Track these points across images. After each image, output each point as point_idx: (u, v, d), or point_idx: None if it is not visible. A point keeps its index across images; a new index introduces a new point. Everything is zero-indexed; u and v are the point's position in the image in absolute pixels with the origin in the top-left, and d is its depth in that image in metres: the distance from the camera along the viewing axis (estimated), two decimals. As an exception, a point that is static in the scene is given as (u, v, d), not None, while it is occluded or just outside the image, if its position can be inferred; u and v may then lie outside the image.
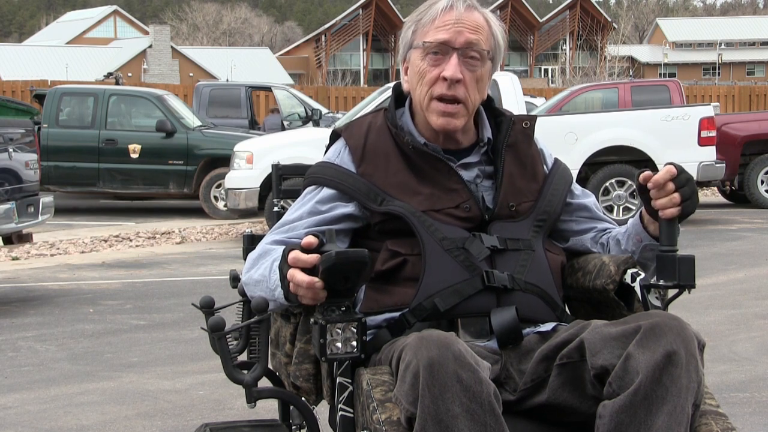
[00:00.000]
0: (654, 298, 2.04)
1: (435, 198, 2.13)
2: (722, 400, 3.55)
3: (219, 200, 12.40)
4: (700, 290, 3.87)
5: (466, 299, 2.05)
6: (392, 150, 2.17)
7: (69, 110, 13.20)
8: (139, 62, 52.62)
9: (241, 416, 3.95)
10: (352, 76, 58.75)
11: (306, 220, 2.15)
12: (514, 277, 2.08)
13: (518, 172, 2.21)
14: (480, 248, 2.09)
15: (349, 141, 2.21)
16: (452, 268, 2.06)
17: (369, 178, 2.14)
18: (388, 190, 2.13)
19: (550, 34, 68.45)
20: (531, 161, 2.24)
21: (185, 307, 6.62)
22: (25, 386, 4.77)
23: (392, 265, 2.08)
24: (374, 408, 1.83)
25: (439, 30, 2.13)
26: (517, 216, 2.17)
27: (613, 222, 2.36)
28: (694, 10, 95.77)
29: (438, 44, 2.12)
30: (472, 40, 2.13)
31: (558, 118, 11.78)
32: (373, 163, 2.16)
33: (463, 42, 2.12)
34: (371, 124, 2.22)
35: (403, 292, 2.07)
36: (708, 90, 26.73)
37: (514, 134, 2.23)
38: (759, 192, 13.13)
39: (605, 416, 1.78)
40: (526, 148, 2.24)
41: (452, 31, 2.12)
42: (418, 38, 2.16)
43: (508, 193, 2.17)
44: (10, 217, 6.83)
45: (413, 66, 2.18)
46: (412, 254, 2.08)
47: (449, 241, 2.08)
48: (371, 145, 2.18)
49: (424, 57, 2.14)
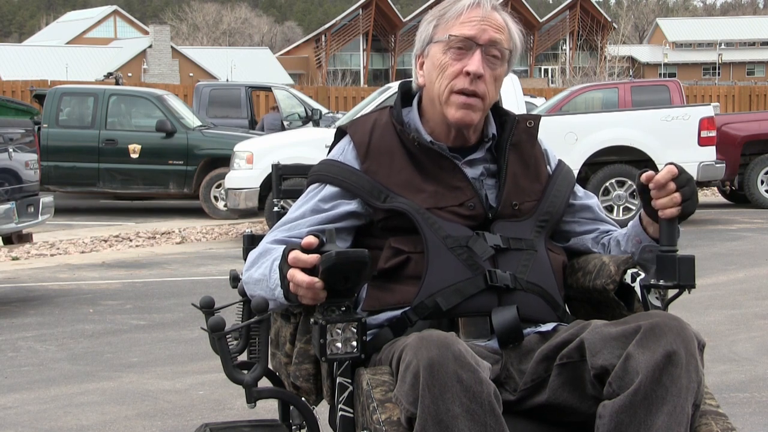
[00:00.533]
0: (654, 298, 2.04)
1: (439, 196, 2.13)
2: (722, 400, 3.55)
3: (219, 200, 12.40)
4: (700, 290, 3.88)
5: (468, 298, 2.05)
6: (397, 147, 2.17)
7: (69, 110, 13.20)
8: (139, 62, 52.62)
9: (241, 416, 3.95)
10: (352, 76, 58.74)
11: (308, 219, 2.15)
12: (516, 277, 2.08)
13: (521, 172, 2.21)
14: (484, 247, 2.09)
15: (354, 137, 2.21)
16: (455, 266, 2.06)
17: (373, 175, 2.14)
18: (391, 188, 2.13)
19: (550, 34, 68.42)
20: (534, 161, 2.25)
21: (185, 307, 6.62)
22: (25, 386, 4.77)
23: (395, 263, 2.08)
24: (374, 408, 1.83)
25: (465, 25, 2.14)
26: (519, 215, 2.17)
27: (615, 224, 2.36)
28: (694, 10, 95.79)
29: (463, 38, 2.13)
30: (496, 38, 2.14)
31: (558, 118, 11.78)
32: (377, 160, 2.16)
33: (487, 39, 2.13)
34: (376, 121, 2.22)
35: (405, 290, 2.07)
36: (708, 90, 26.72)
37: (518, 133, 2.23)
38: (759, 192, 13.13)
39: (605, 416, 1.78)
40: (530, 148, 2.25)
41: (478, 28, 2.13)
42: (441, 32, 2.16)
43: (512, 192, 2.17)
44: (10, 217, 6.83)
45: (433, 59, 2.17)
46: (415, 252, 2.08)
47: (453, 239, 2.08)
48: (376, 142, 2.18)
49: (446, 51, 2.15)
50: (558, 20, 68.46)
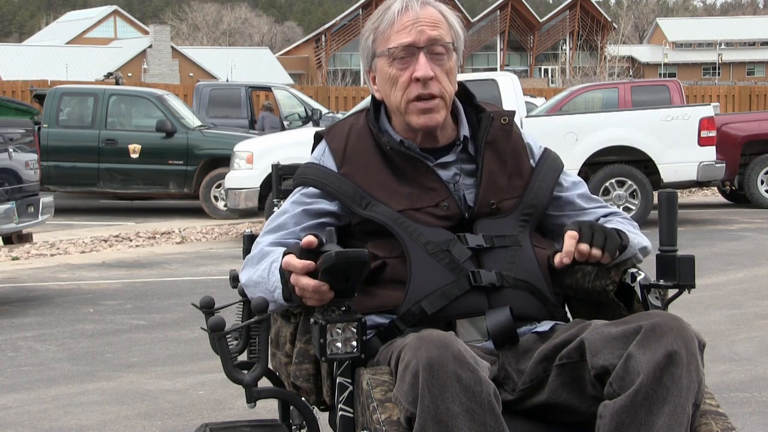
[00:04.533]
0: (654, 298, 2.04)
1: (414, 197, 2.14)
2: (722, 400, 3.55)
3: (219, 200, 12.39)
4: (700, 290, 3.88)
5: (455, 300, 2.05)
6: (372, 151, 2.19)
7: (69, 110, 13.20)
8: (139, 62, 52.61)
9: (241, 416, 3.95)
10: (352, 76, 58.71)
11: (293, 213, 2.18)
12: (502, 275, 2.08)
13: (498, 170, 2.20)
14: (461, 250, 2.09)
15: (330, 144, 2.23)
16: (437, 271, 2.06)
17: (351, 179, 2.16)
18: (369, 191, 2.14)
19: (550, 34, 68.43)
20: (513, 157, 2.23)
21: (185, 307, 6.62)
22: (25, 386, 4.77)
23: (373, 267, 2.08)
24: (374, 408, 1.84)
25: (401, 33, 2.13)
26: (498, 213, 2.17)
27: (607, 205, 2.34)
28: (694, 10, 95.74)
29: (403, 48, 2.13)
30: (434, 36, 2.13)
31: (558, 118, 11.78)
32: (353, 164, 2.18)
33: (426, 40, 2.12)
34: (352, 126, 2.24)
35: (385, 294, 2.08)
36: (708, 90, 26.71)
37: (492, 131, 2.22)
38: (759, 192, 13.13)
39: (606, 416, 1.78)
40: (506, 144, 2.23)
41: (414, 32, 2.12)
42: (380, 45, 2.16)
43: (488, 191, 2.17)
44: (10, 217, 6.83)
45: (381, 74, 2.18)
46: (392, 257, 2.09)
47: (433, 245, 2.08)
48: (352, 147, 2.20)
49: (391, 63, 2.14)
50: (558, 20, 68.47)
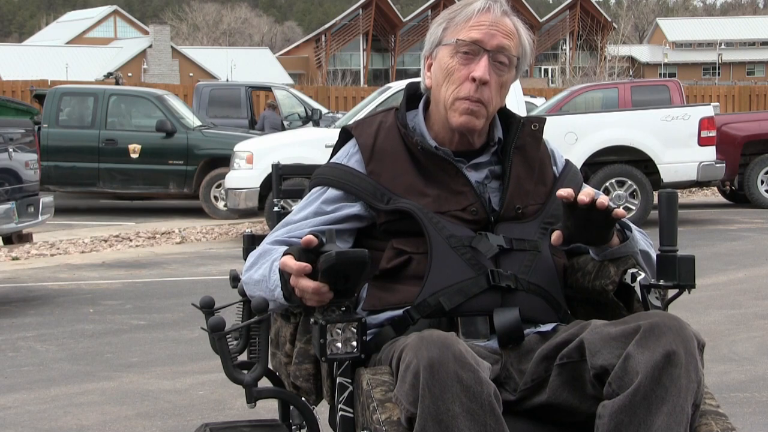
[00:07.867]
0: (654, 298, 2.04)
1: (442, 200, 2.12)
2: (722, 400, 3.54)
3: (219, 200, 12.40)
4: (700, 290, 3.87)
5: (471, 298, 2.05)
6: (401, 150, 2.17)
7: (69, 110, 13.20)
8: (139, 62, 52.62)
9: (241, 416, 3.94)
10: (352, 76, 58.70)
11: (310, 220, 2.16)
12: (518, 278, 2.08)
13: (526, 175, 2.20)
14: (488, 246, 2.08)
15: (359, 139, 2.20)
16: (458, 265, 2.06)
17: (377, 178, 2.14)
18: (395, 190, 2.13)
19: (550, 34, 68.38)
20: (539, 163, 2.24)
21: (185, 307, 6.61)
22: (25, 386, 4.77)
23: (397, 263, 2.09)
24: (374, 408, 1.84)
25: (473, 29, 2.12)
26: (522, 218, 2.16)
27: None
28: (694, 10, 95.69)
29: (471, 43, 2.12)
30: (504, 44, 2.13)
31: (558, 118, 11.77)
32: (381, 162, 2.16)
33: (495, 45, 2.12)
34: (381, 123, 2.22)
35: (406, 290, 2.07)
36: (708, 90, 26.71)
37: (522, 136, 2.22)
38: (759, 192, 13.13)
39: (605, 416, 1.78)
40: (535, 151, 2.23)
41: (486, 33, 2.12)
42: (450, 35, 2.15)
43: (515, 196, 2.17)
44: (10, 217, 6.83)
45: (440, 63, 2.16)
46: (417, 252, 2.08)
47: (456, 238, 2.08)
48: (380, 145, 2.18)
49: (453, 55, 2.14)
50: (558, 20, 68.42)
